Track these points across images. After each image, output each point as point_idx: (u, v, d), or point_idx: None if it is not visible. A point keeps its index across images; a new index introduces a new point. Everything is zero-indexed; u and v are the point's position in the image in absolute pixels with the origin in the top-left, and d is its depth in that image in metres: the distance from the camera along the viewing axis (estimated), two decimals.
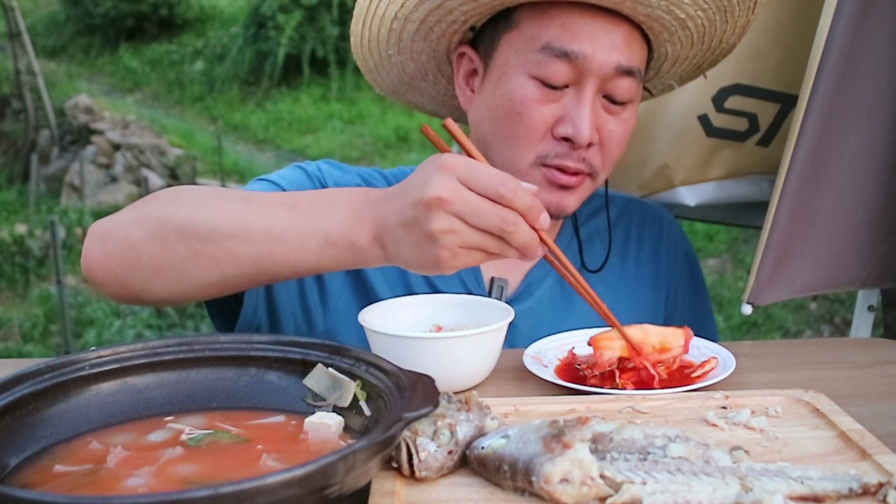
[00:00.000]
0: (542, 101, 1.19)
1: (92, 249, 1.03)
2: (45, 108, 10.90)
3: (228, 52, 13.38)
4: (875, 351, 1.21)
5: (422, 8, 1.20)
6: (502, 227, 0.87)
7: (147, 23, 14.29)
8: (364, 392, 0.80)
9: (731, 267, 6.22)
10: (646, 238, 1.43)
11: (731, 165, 1.69)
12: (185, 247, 0.97)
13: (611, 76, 1.18)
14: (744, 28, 1.28)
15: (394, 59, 1.32)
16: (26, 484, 0.71)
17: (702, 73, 1.38)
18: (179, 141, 11.10)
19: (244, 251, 0.95)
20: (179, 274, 0.98)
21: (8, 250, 7.37)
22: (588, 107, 1.17)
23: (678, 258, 1.45)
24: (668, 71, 1.33)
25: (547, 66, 1.17)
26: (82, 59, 14.20)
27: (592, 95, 1.18)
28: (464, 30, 1.25)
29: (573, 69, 1.17)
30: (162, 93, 13.30)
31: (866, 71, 1.33)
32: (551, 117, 1.19)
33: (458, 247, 0.88)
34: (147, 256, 0.99)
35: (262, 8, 12.50)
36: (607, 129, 1.21)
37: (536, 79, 1.18)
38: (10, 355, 5.20)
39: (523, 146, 1.21)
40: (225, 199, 1.01)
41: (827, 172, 1.35)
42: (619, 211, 1.44)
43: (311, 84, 12.42)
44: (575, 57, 1.16)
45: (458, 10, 1.20)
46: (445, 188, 0.86)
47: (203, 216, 0.98)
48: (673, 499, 0.67)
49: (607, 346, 1.05)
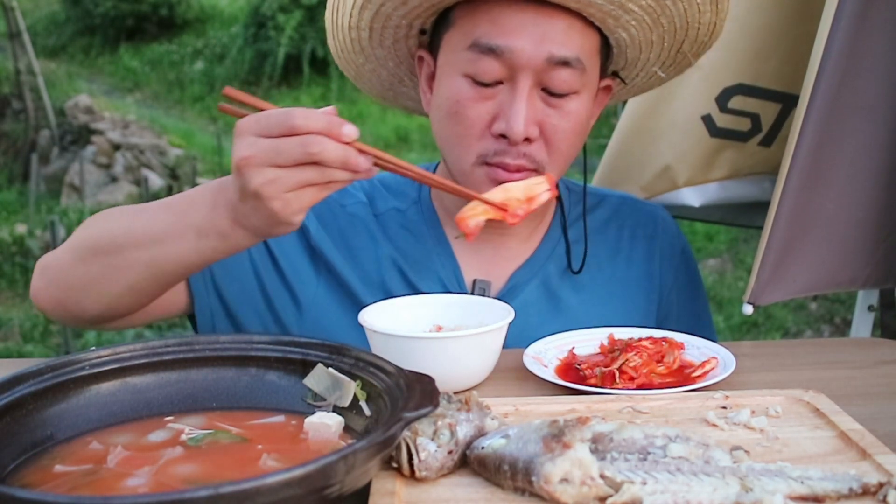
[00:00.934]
0: (476, 98, 1.17)
1: (36, 282, 1.14)
2: (45, 108, 10.90)
3: (228, 52, 13.38)
4: (875, 351, 1.21)
5: (365, 17, 1.21)
6: (308, 151, 0.88)
7: (147, 23, 14.29)
8: (364, 392, 0.80)
9: (731, 267, 6.22)
10: (639, 238, 1.41)
11: (733, 166, 1.69)
12: (97, 263, 1.06)
13: (544, 68, 1.15)
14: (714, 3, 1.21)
15: (366, 67, 1.33)
16: (26, 484, 0.71)
17: (688, 58, 1.31)
18: (179, 141, 11.10)
19: (138, 257, 1.03)
20: (100, 288, 1.07)
21: (8, 250, 7.37)
22: (522, 101, 1.15)
23: (673, 258, 1.43)
24: (640, 57, 1.28)
25: (477, 63, 1.16)
26: (82, 59, 14.19)
27: (527, 90, 1.15)
28: (414, 34, 1.26)
29: (503, 64, 1.15)
30: (162, 93, 13.30)
31: (867, 71, 1.33)
32: (487, 115, 1.17)
33: (284, 193, 0.90)
34: (75, 278, 1.09)
35: (262, 8, 12.51)
36: (550, 123, 1.18)
37: (469, 77, 1.17)
38: (10, 355, 5.20)
39: (464, 145, 1.20)
40: (126, 213, 1.11)
41: (828, 172, 1.35)
42: (612, 210, 1.43)
43: (311, 84, 12.42)
44: (502, 52, 1.14)
45: (396, 15, 1.21)
46: (244, 147, 0.90)
47: (107, 232, 1.07)
48: (673, 499, 0.67)
49: (472, 214, 1.06)
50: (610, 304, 1.34)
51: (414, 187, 1.38)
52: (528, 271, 1.33)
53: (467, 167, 1.21)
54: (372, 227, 1.33)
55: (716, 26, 1.26)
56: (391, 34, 1.25)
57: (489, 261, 1.33)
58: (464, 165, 1.21)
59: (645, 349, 1.06)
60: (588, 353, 1.12)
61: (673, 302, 1.42)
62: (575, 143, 1.23)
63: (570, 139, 1.21)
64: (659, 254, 1.41)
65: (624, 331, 1.15)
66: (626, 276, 1.38)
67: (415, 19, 1.22)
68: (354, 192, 1.36)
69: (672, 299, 1.41)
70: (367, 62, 1.32)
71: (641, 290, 1.38)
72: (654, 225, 1.43)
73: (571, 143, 1.22)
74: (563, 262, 1.35)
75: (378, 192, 1.37)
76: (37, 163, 10.07)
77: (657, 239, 1.42)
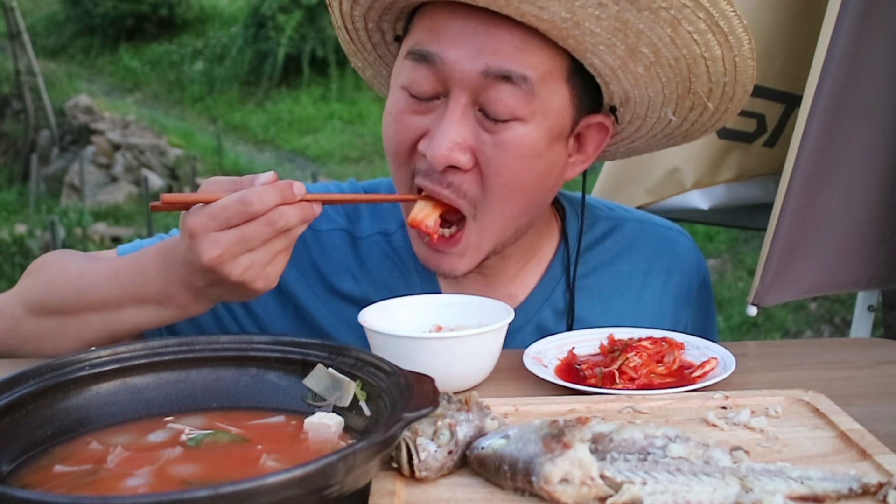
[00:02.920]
0: (408, 112, 1.06)
1: None
2: (45, 108, 10.91)
3: (228, 52, 13.38)
4: (875, 351, 1.21)
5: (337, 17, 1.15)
6: (276, 228, 0.90)
7: (147, 23, 14.30)
8: (364, 392, 0.80)
9: (731, 267, 6.22)
10: (654, 272, 1.28)
11: (740, 167, 1.68)
12: (51, 320, 1.07)
13: (481, 84, 1.00)
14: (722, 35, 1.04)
15: (367, 73, 1.29)
16: (26, 484, 0.71)
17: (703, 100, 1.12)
18: (179, 141, 11.11)
19: (95, 320, 1.04)
20: (54, 342, 1.08)
21: (8, 250, 7.37)
22: (449, 121, 1.01)
23: (690, 295, 1.31)
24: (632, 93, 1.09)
25: (410, 73, 1.05)
26: (82, 59, 14.20)
27: (460, 108, 1.02)
28: (390, 40, 1.18)
29: (436, 76, 1.02)
30: (162, 93, 13.31)
31: (870, 72, 1.33)
32: (417, 131, 1.05)
33: (263, 269, 0.93)
34: (28, 331, 1.10)
35: (262, 8, 12.51)
36: (484, 152, 1.03)
37: (405, 89, 1.06)
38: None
39: (397, 164, 1.09)
40: (71, 274, 1.09)
41: (831, 174, 1.35)
42: (629, 238, 1.29)
43: (311, 84, 12.42)
44: (434, 61, 1.02)
45: (356, 16, 1.13)
46: (209, 247, 0.89)
47: (57, 292, 1.08)
48: (673, 499, 0.67)
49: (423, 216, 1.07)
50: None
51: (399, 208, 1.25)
52: (522, 316, 1.20)
53: (404, 190, 1.11)
54: (349, 260, 1.23)
55: (737, 65, 1.06)
56: (367, 38, 1.19)
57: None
58: (401, 188, 1.12)
59: (645, 349, 1.06)
60: (588, 354, 1.11)
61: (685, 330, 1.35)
62: (521, 182, 1.05)
63: (509, 177, 1.04)
64: (674, 292, 1.29)
65: (624, 331, 1.15)
66: (633, 314, 1.24)
67: (379, 22, 1.14)
68: (333, 216, 1.25)
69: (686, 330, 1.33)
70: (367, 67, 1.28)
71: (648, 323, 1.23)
72: (673, 256, 1.30)
73: (511, 182, 1.04)
74: (562, 303, 1.23)
75: (363, 213, 1.26)
76: (37, 163, 10.08)
77: (675, 274, 1.29)
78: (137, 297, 1.01)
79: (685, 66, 1.05)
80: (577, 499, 0.68)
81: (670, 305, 1.28)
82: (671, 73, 1.06)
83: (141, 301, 1.01)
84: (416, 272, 1.23)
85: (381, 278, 1.22)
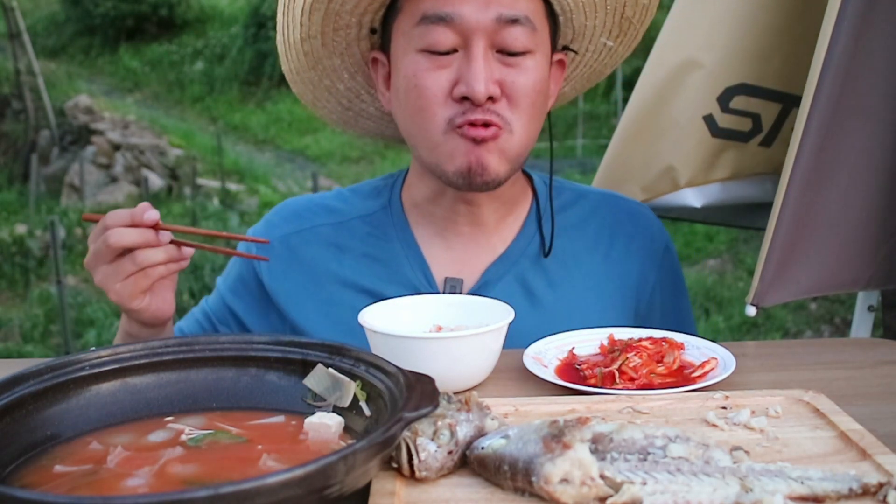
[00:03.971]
0: (432, 68, 1.20)
1: None
2: (45, 109, 10.91)
3: (228, 53, 13.39)
4: (875, 351, 1.21)
5: (315, 20, 1.22)
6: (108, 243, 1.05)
7: (147, 23, 14.30)
8: (364, 392, 0.80)
9: (731, 267, 6.22)
10: (618, 236, 1.40)
11: (735, 166, 1.68)
12: None
13: (496, 29, 1.18)
14: None
15: (323, 83, 1.35)
16: (26, 484, 0.71)
17: (634, 24, 1.33)
18: (179, 141, 11.11)
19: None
20: None
21: (8, 250, 7.37)
22: (478, 62, 1.17)
23: (654, 257, 1.41)
24: (586, 24, 1.31)
25: (429, 34, 1.19)
26: (82, 60, 14.20)
27: (482, 51, 1.18)
28: (365, 34, 1.28)
29: (455, 31, 1.18)
30: (162, 93, 13.31)
31: (870, 71, 1.33)
32: (447, 82, 1.20)
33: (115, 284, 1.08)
34: None
35: (262, 8, 12.52)
36: (509, 81, 1.20)
37: (424, 51, 1.20)
38: (10, 355, 5.20)
39: (429, 116, 1.21)
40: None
41: (830, 173, 1.34)
42: (591, 208, 1.42)
43: None
44: (451, 19, 1.17)
45: (344, 11, 1.22)
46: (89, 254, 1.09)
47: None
48: (673, 499, 0.67)
49: None
50: (585, 300, 1.33)
51: (385, 193, 1.40)
52: (502, 266, 1.33)
53: (438, 137, 1.22)
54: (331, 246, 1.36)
55: None
56: (343, 37, 1.27)
57: (460, 258, 1.34)
58: (434, 137, 1.22)
59: (645, 349, 1.06)
60: (588, 354, 1.12)
61: (656, 300, 1.40)
62: (537, 102, 1.24)
63: (532, 96, 1.23)
64: (639, 253, 1.40)
65: (624, 331, 1.15)
66: (602, 272, 1.37)
67: (364, 15, 1.24)
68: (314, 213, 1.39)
69: (655, 298, 1.40)
70: (324, 77, 1.33)
71: (617, 287, 1.37)
72: (635, 224, 1.42)
73: (533, 101, 1.23)
74: (537, 255, 1.35)
75: (346, 202, 1.40)
76: (37, 163, 10.08)
77: (637, 238, 1.41)
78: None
79: None
80: (578, 499, 0.68)
81: (636, 265, 1.39)
82: (615, 1, 1.27)
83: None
84: (397, 240, 1.35)
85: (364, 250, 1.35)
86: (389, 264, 1.32)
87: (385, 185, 1.41)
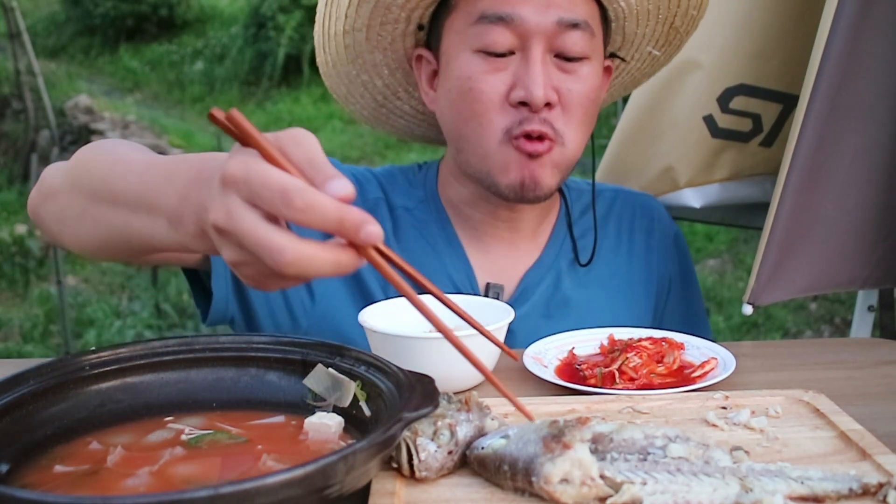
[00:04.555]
0: (489, 71, 1.17)
1: (34, 192, 1.03)
2: (45, 108, 10.89)
3: (228, 53, 13.37)
4: (875, 351, 1.21)
5: (362, 13, 1.20)
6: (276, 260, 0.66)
7: (147, 23, 14.29)
8: (364, 392, 0.80)
9: (731, 267, 6.22)
10: (637, 230, 1.42)
11: (735, 166, 1.69)
12: (78, 202, 0.92)
13: (555, 32, 1.16)
14: None
15: (360, 79, 1.32)
16: (26, 484, 0.71)
17: (680, 34, 1.34)
18: (179, 141, 11.09)
19: (111, 215, 0.87)
20: (75, 230, 0.95)
21: (8, 250, 7.37)
22: (537, 66, 1.15)
23: (669, 248, 1.44)
24: (636, 32, 1.30)
25: (486, 35, 1.16)
26: (82, 60, 14.19)
27: (540, 55, 1.16)
28: (412, 30, 1.25)
29: (513, 33, 1.15)
30: (162, 93, 13.30)
31: (867, 71, 1.33)
32: (503, 86, 1.17)
33: (249, 270, 0.70)
34: (59, 207, 0.98)
35: (262, 8, 12.50)
36: (565, 89, 1.18)
37: (480, 51, 1.17)
38: (10, 355, 5.20)
39: (484, 123, 1.18)
40: (105, 157, 0.93)
41: (827, 173, 1.35)
42: (608, 204, 1.43)
43: (311, 84, 12.41)
44: (511, 19, 1.14)
45: (395, 6, 1.20)
46: (219, 205, 0.67)
47: (91, 173, 0.91)
48: (673, 499, 0.67)
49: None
50: (615, 300, 1.34)
51: (419, 186, 1.36)
52: (539, 272, 1.33)
53: (492, 146, 1.19)
54: (387, 226, 1.30)
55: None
56: (389, 31, 1.24)
57: (500, 262, 1.32)
58: (488, 146, 1.20)
59: (645, 349, 1.06)
60: (588, 354, 1.12)
61: (670, 292, 1.42)
62: (590, 111, 1.22)
63: (586, 105, 1.21)
64: (657, 246, 1.42)
65: (624, 331, 1.15)
66: (628, 271, 1.38)
67: (414, 10, 1.22)
68: (370, 185, 1.33)
69: (670, 289, 1.42)
70: (361, 72, 1.31)
71: (643, 283, 1.39)
72: (651, 217, 1.44)
73: (587, 110, 1.21)
74: (571, 261, 1.35)
75: (391, 187, 1.35)
76: (37, 163, 10.07)
77: (654, 231, 1.43)
78: (151, 204, 0.80)
79: (677, 1, 1.26)
80: (577, 499, 0.68)
81: (656, 258, 1.42)
82: (667, 10, 1.27)
83: (153, 209, 0.80)
84: (441, 239, 1.31)
85: (408, 244, 1.30)
86: (432, 261, 1.30)
87: (416, 179, 1.38)
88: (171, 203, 0.77)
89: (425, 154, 9.59)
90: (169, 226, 0.77)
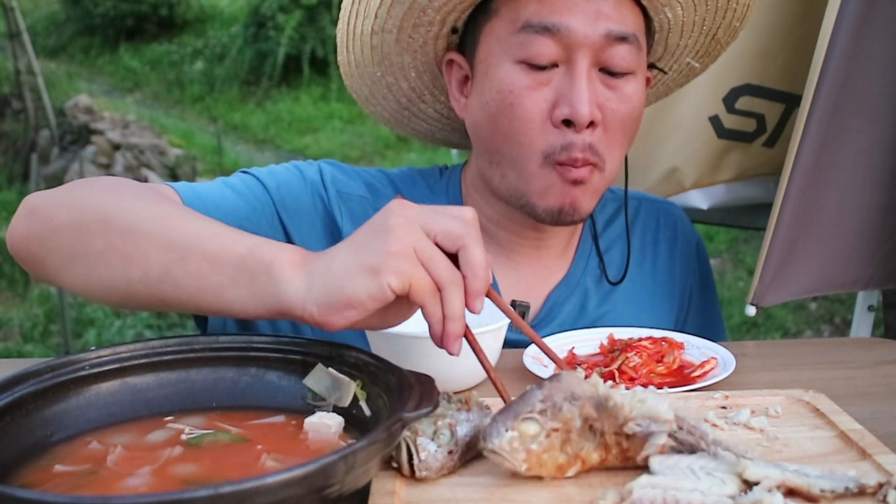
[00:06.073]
0: (532, 86, 1.11)
1: (18, 223, 0.96)
2: (45, 108, 10.90)
3: (228, 52, 13.37)
4: (875, 351, 1.21)
5: (395, 14, 1.13)
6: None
7: (147, 23, 14.29)
8: (364, 392, 0.80)
9: (731, 267, 6.21)
10: (661, 241, 1.37)
11: (739, 167, 1.68)
12: (102, 240, 0.87)
13: (602, 46, 1.09)
14: None
15: (384, 80, 1.26)
16: (26, 484, 0.71)
17: (720, 45, 1.29)
18: (179, 141, 11.10)
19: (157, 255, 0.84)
20: (89, 268, 0.89)
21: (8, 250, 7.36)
22: (583, 80, 1.09)
23: (691, 259, 1.40)
24: (679, 43, 1.25)
25: (530, 45, 1.09)
26: (82, 59, 14.19)
27: (586, 69, 1.09)
28: (445, 33, 1.19)
29: (559, 44, 1.09)
30: (162, 93, 13.30)
31: (870, 71, 1.33)
32: (545, 103, 1.11)
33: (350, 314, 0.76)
34: (64, 243, 0.91)
35: (262, 8, 12.50)
36: (609, 108, 1.12)
37: (522, 62, 1.11)
38: (10, 355, 5.20)
39: (524, 143, 1.12)
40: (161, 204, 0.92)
41: (830, 173, 1.34)
42: (632, 214, 1.37)
43: (311, 84, 12.41)
44: (557, 30, 1.08)
45: (431, 8, 1.13)
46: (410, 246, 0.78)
47: (131, 212, 0.89)
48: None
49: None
50: (640, 316, 1.30)
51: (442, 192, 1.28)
52: (566, 290, 1.28)
53: (532, 168, 1.13)
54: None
55: (748, 9, 1.23)
56: (422, 34, 1.18)
57: (526, 279, 1.27)
58: (527, 166, 1.14)
59: (645, 349, 1.06)
60: (588, 353, 1.12)
61: (691, 302, 1.40)
62: (632, 130, 1.17)
63: (628, 127, 1.15)
64: (680, 257, 1.38)
65: (624, 331, 1.15)
66: (653, 283, 1.34)
67: (451, 13, 1.15)
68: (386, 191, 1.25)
69: (692, 299, 1.40)
70: (387, 74, 1.25)
71: (666, 297, 1.35)
72: (674, 227, 1.39)
73: (628, 132, 1.16)
74: (599, 277, 1.31)
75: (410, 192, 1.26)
76: (37, 163, 10.07)
77: (678, 242, 1.39)
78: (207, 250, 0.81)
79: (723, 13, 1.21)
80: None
81: (678, 271, 1.38)
82: (712, 21, 1.22)
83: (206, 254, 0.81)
84: None
85: None
86: None
87: (438, 186, 1.30)
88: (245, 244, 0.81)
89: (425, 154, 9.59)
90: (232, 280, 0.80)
